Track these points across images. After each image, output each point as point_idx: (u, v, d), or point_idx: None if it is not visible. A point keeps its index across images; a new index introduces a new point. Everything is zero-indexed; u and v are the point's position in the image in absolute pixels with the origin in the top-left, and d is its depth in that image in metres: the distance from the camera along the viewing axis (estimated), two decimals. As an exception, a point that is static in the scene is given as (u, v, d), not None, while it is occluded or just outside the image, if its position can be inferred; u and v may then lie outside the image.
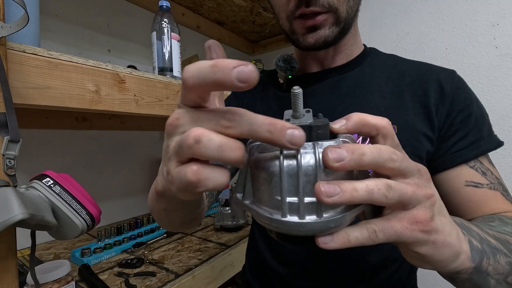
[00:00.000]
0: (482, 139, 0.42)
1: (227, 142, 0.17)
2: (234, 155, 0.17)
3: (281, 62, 0.49)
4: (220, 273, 0.77)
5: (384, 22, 1.09)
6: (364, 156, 0.18)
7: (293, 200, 0.19)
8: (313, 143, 0.19)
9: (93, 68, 0.49)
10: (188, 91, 0.18)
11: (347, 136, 0.21)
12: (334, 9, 0.41)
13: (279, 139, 0.17)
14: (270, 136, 0.17)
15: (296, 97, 0.21)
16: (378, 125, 0.21)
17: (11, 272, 0.38)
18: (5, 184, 0.36)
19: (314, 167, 0.19)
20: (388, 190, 0.19)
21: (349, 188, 0.18)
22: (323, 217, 0.19)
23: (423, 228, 0.20)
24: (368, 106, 0.45)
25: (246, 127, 0.18)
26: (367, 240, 0.20)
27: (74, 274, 0.65)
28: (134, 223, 0.93)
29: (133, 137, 1.14)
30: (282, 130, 0.17)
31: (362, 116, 0.21)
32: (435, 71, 0.46)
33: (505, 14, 0.88)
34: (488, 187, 0.41)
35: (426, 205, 0.21)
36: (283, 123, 0.17)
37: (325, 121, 0.21)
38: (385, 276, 0.46)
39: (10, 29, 0.37)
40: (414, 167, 0.21)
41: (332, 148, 0.18)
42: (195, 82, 0.17)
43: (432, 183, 0.22)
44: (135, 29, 1.12)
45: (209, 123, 0.18)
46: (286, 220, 0.19)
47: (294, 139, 0.17)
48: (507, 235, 0.31)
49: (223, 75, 0.16)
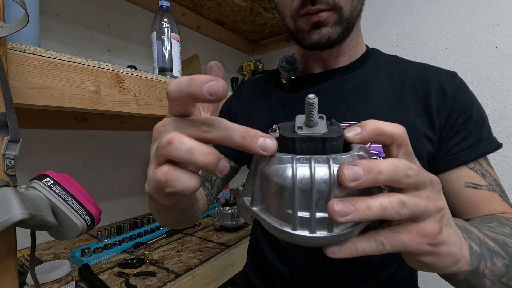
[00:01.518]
0: (482, 141, 0.43)
1: (198, 146, 0.19)
2: (203, 159, 0.18)
3: (284, 63, 0.50)
4: (220, 273, 0.77)
5: (384, 22, 1.09)
6: (381, 175, 0.18)
7: (304, 215, 0.19)
8: (327, 158, 0.19)
9: (93, 68, 0.49)
10: (171, 102, 0.21)
11: (362, 148, 0.21)
12: (338, 7, 0.41)
13: (251, 144, 0.19)
14: (243, 141, 0.19)
15: (311, 106, 0.20)
16: (394, 134, 0.21)
17: (11, 272, 0.38)
18: (5, 184, 0.36)
19: (328, 183, 0.18)
20: (402, 207, 0.19)
21: (363, 206, 0.18)
22: (334, 232, 0.19)
23: (430, 242, 0.20)
24: (370, 107, 0.45)
25: (222, 132, 0.19)
26: (374, 251, 0.20)
27: (74, 274, 0.65)
28: (134, 223, 0.93)
29: (133, 137, 1.14)
30: (254, 137, 0.19)
31: (378, 125, 0.21)
32: (436, 72, 0.46)
33: (505, 14, 0.88)
34: (487, 188, 0.42)
35: (436, 218, 0.21)
36: (256, 131, 0.19)
37: (339, 131, 0.20)
38: (386, 275, 0.46)
39: (10, 29, 0.37)
40: (427, 179, 0.21)
41: (347, 166, 0.18)
42: (175, 94, 0.20)
43: (443, 194, 0.22)
44: (135, 29, 1.12)
45: (189, 129, 0.20)
46: (297, 233, 0.19)
47: (265, 146, 0.19)
48: (505, 237, 0.32)
49: (196, 88, 0.18)
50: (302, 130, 0.20)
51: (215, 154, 0.19)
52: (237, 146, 0.19)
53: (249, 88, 0.60)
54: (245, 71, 1.12)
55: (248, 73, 1.12)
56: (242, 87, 0.62)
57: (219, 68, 0.24)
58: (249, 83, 0.62)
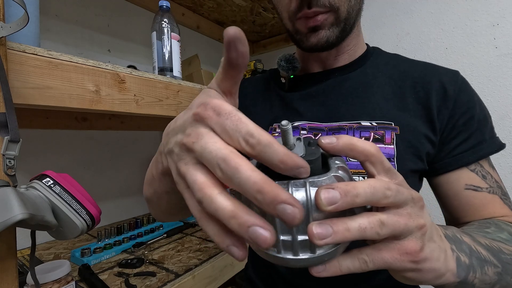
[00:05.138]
0: (484, 141, 0.42)
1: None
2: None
3: (283, 62, 0.49)
4: (220, 273, 0.77)
5: (384, 22, 1.09)
6: (358, 198, 0.18)
7: (287, 238, 0.19)
8: (304, 181, 0.19)
9: (93, 68, 0.49)
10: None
11: (341, 167, 0.21)
12: (335, 9, 0.41)
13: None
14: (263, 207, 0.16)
15: (285, 132, 0.20)
16: (366, 152, 0.21)
17: (11, 272, 0.38)
18: (5, 184, 0.36)
19: (306, 208, 0.18)
20: (381, 228, 0.19)
21: (342, 228, 0.18)
22: (317, 253, 0.19)
23: (412, 259, 0.21)
24: (371, 106, 0.45)
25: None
26: (358, 269, 0.21)
27: (74, 274, 0.65)
28: (134, 223, 0.93)
29: (133, 137, 1.14)
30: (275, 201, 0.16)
31: (352, 141, 0.21)
32: (438, 72, 0.46)
33: (505, 14, 0.88)
34: (488, 191, 0.42)
35: (417, 235, 0.21)
36: (277, 191, 0.15)
37: (316, 153, 0.20)
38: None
39: (10, 29, 0.37)
40: (408, 196, 0.21)
41: (324, 190, 0.18)
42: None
43: (425, 211, 0.23)
44: (135, 29, 1.12)
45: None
46: (281, 256, 0.19)
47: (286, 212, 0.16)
48: (501, 242, 0.32)
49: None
50: None
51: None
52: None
53: (250, 86, 0.60)
54: (245, 71, 1.12)
55: (248, 73, 1.12)
56: (243, 85, 0.62)
57: (241, 44, 0.20)
58: (249, 81, 0.62)
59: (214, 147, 0.17)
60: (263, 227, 0.16)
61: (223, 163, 0.17)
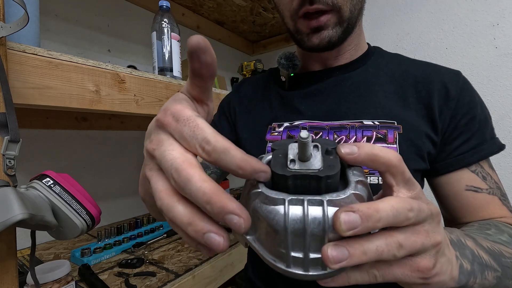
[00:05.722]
0: (484, 142, 0.42)
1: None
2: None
3: (283, 60, 0.49)
4: (220, 273, 0.77)
5: (384, 22, 1.10)
6: (379, 223, 0.17)
7: (298, 255, 0.18)
8: (321, 199, 0.18)
9: (93, 68, 0.49)
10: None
11: (360, 182, 0.19)
12: (337, 8, 0.40)
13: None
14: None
15: (305, 145, 0.18)
16: (388, 163, 0.20)
17: (11, 272, 0.38)
18: (5, 184, 0.36)
19: (322, 227, 0.17)
20: (399, 250, 0.18)
21: (358, 252, 0.17)
22: (328, 270, 0.18)
23: (423, 276, 0.20)
24: (372, 105, 0.45)
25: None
26: (367, 282, 0.20)
27: (74, 274, 0.65)
28: (134, 223, 0.93)
29: (133, 137, 1.14)
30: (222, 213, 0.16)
31: (373, 151, 0.20)
32: (440, 72, 0.46)
33: (505, 14, 0.88)
34: (487, 192, 0.42)
35: (432, 253, 0.20)
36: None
37: (335, 165, 0.19)
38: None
39: (10, 29, 0.37)
40: (428, 213, 0.20)
41: (344, 213, 0.17)
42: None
43: (442, 226, 0.22)
44: (135, 29, 1.12)
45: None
46: (291, 270, 0.18)
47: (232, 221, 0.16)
48: (501, 245, 0.32)
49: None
50: (295, 165, 0.19)
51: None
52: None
53: (250, 86, 0.60)
54: (245, 71, 1.12)
55: (248, 73, 1.12)
56: (243, 84, 0.62)
57: (204, 53, 0.19)
58: (250, 80, 0.62)
59: (170, 156, 0.18)
60: (217, 233, 0.17)
61: (176, 173, 0.17)
